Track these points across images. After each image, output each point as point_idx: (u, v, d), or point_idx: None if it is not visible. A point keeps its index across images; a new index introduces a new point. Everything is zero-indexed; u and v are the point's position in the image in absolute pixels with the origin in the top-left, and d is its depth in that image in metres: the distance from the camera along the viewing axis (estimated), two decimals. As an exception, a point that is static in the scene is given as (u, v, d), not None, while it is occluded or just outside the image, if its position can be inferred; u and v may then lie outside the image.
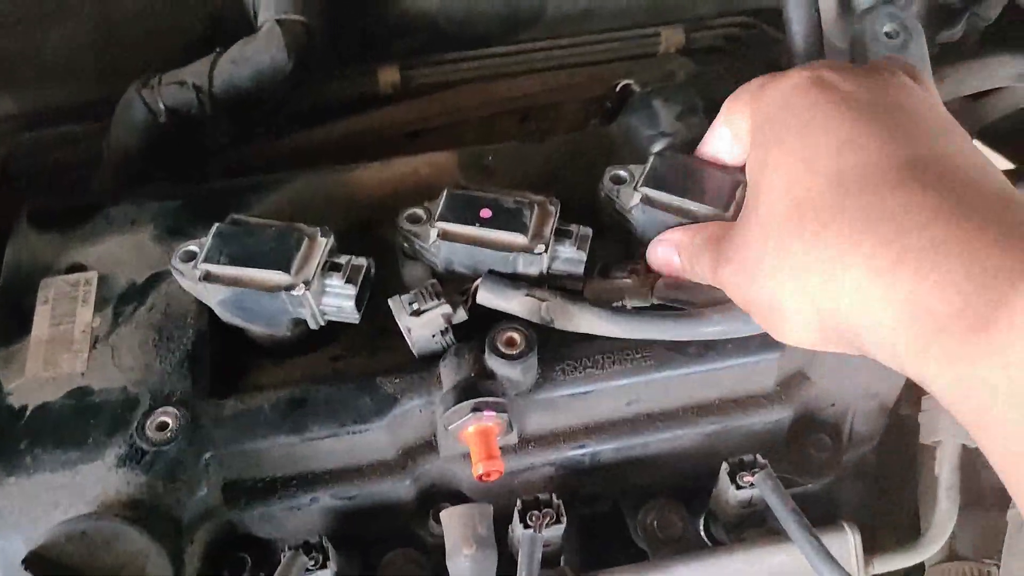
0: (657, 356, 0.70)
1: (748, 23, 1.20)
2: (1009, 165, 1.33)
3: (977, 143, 1.24)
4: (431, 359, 0.70)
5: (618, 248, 0.74)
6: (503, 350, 0.66)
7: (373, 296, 0.71)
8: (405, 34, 1.13)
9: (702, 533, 0.76)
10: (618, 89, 1.01)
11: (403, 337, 0.69)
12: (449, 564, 0.61)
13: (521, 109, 1.20)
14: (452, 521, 0.62)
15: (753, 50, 1.21)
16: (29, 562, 0.58)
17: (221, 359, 0.72)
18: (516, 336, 0.67)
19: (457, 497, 0.73)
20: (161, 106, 0.95)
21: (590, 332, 0.68)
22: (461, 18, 1.13)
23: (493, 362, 0.66)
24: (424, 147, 1.16)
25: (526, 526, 0.67)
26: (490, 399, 0.65)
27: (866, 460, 0.81)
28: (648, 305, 0.71)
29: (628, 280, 0.71)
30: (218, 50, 0.97)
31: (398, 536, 0.74)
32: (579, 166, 0.83)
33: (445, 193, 0.72)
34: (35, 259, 0.76)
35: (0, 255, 0.80)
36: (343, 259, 0.69)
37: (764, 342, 0.71)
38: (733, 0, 1.20)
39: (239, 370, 0.73)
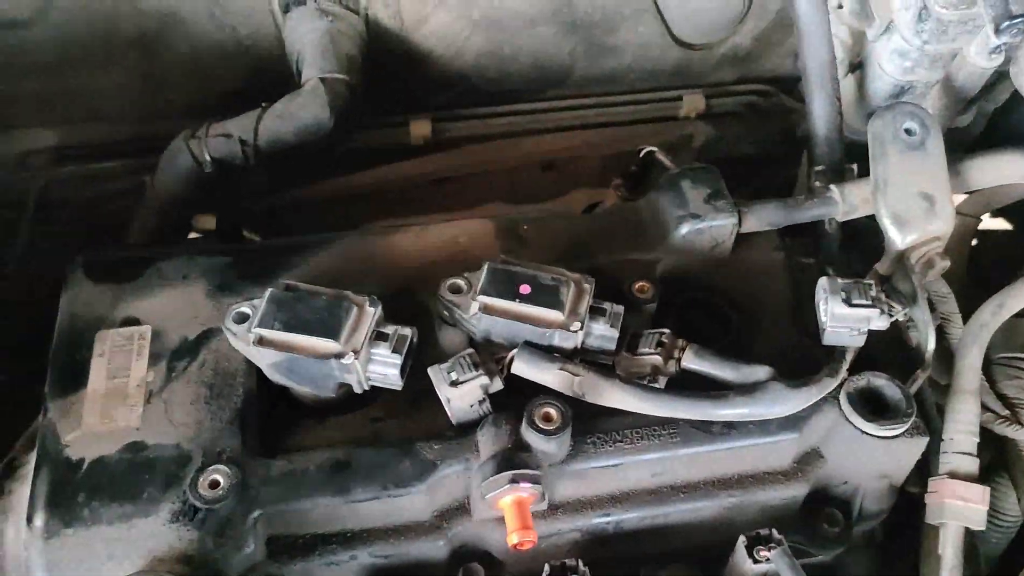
0: (683, 433, 0.74)
1: (766, 91, 1.25)
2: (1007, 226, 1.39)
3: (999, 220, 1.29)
4: (468, 426, 0.74)
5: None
6: (540, 425, 0.70)
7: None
8: (440, 90, 1.17)
9: (716, 600, 0.79)
10: (642, 155, 1.05)
11: (439, 399, 0.73)
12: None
13: (543, 163, 1.25)
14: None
15: (770, 117, 1.26)
16: (91, 617, 0.61)
17: (266, 415, 0.76)
18: (553, 412, 0.71)
19: (486, 557, 0.77)
20: (207, 156, 0.99)
21: (621, 407, 0.73)
22: (493, 76, 1.18)
23: (530, 436, 0.70)
24: (450, 193, 1.22)
25: (554, 591, 0.70)
26: (526, 471, 0.69)
27: (874, 535, 0.86)
28: (675, 376, 0.75)
29: (656, 355, 0.75)
30: (264, 105, 1.01)
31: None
32: (609, 241, 0.87)
33: (486, 267, 0.75)
34: (91, 310, 0.80)
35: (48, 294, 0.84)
36: (390, 329, 0.73)
37: (784, 424, 0.76)
38: (752, 68, 1.25)
39: (283, 427, 0.76)
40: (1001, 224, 1.40)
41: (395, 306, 0.76)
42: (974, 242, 1.34)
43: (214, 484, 0.69)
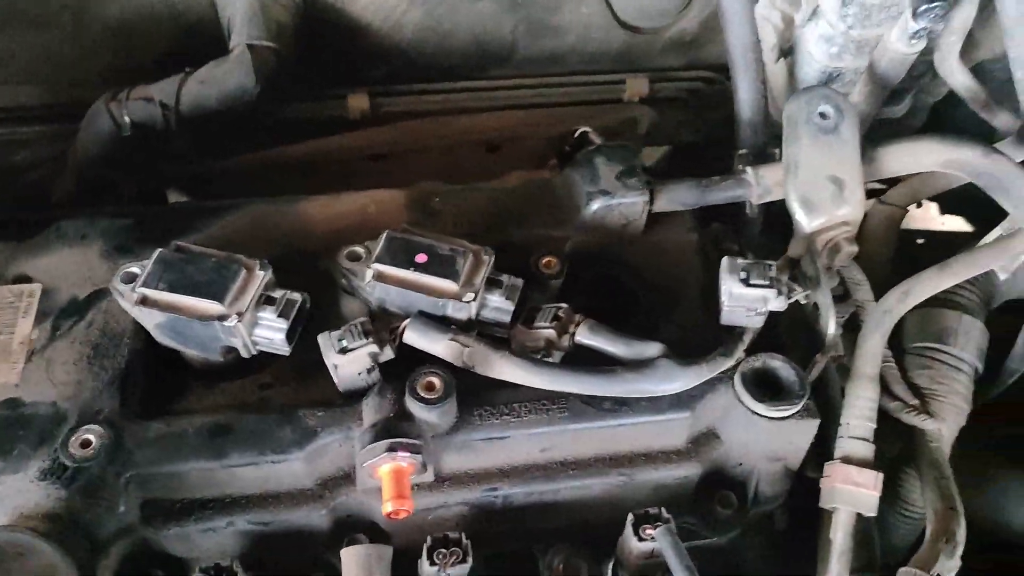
0: (572, 408, 0.73)
1: (711, 78, 1.24)
2: (968, 228, 1.38)
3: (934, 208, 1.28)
4: (356, 395, 0.73)
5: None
6: (422, 394, 0.69)
7: (308, 328, 0.74)
8: (377, 62, 1.16)
9: (607, 578, 0.79)
10: (576, 135, 1.04)
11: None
12: (345, 598, 0.64)
13: (484, 142, 1.23)
14: (350, 560, 0.64)
15: (715, 103, 1.24)
16: (-59, 570, 0.60)
17: (155, 378, 0.75)
18: (436, 381, 0.70)
19: (372, 528, 0.76)
20: (127, 119, 0.98)
21: (509, 380, 0.72)
22: (432, 51, 1.16)
23: (412, 405, 0.69)
24: (386, 170, 1.21)
25: (432, 563, 0.69)
26: (405, 440, 0.68)
27: (772, 519, 0.85)
28: (569, 351, 0.74)
29: (551, 329, 0.74)
30: (187, 70, 0.99)
31: (311, 563, 0.76)
32: (521, 214, 0.86)
33: (384, 235, 0.74)
34: (-17, 267, 0.79)
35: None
36: (279, 293, 0.72)
37: (676, 402, 0.75)
38: (697, 54, 1.24)
39: (171, 391, 0.75)
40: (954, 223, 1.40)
41: (299, 274, 0.75)
42: (920, 241, 1.34)
43: (85, 443, 0.68)
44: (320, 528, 0.74)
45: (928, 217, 1.40)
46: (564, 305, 0.75)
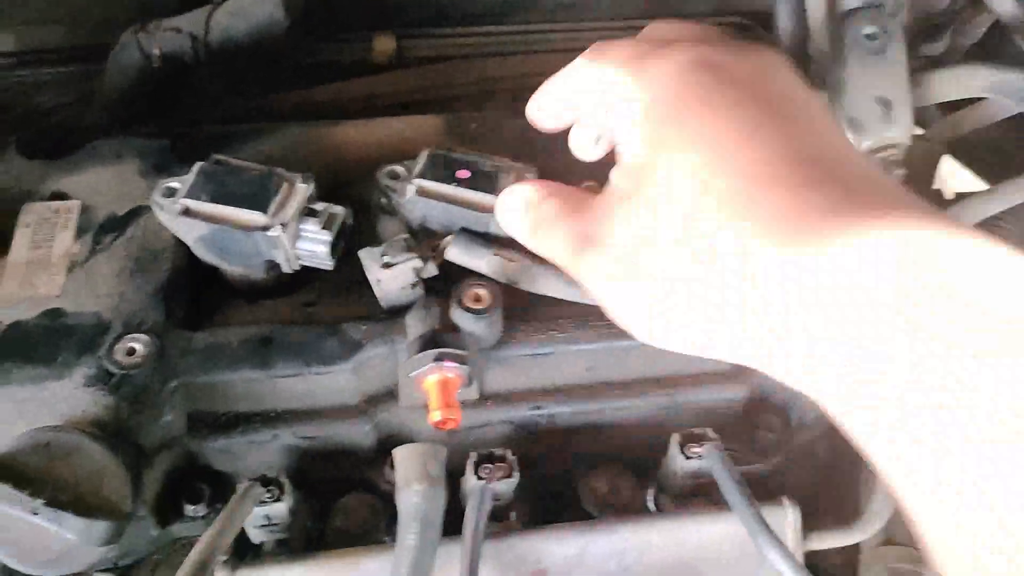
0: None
1: (743, 24, 1.23)
2: (983, 184, 1.37)
3: (951, 160, 1.28)
4: (399, 311, 0.72)
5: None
6: (469, 305, 0.68)
7: (349, 250, 0.73)
8: (405, 7, 1.15)
9: (650, 503, 0.78)
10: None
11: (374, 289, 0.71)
12: (398, 498, 0.63)
13: (512, 89, 1.22)
14: (405, 457, 0.63)
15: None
16: (-9, 465, 0.59)
17: (196, 297, 0.74)
18: (483, 292, 0.69)
19: (414, 448, 0.75)
20: (156, 51, 0.96)
21: (552, 295, 0.71)
22: (460, -4, 1.15)
23: (458, 316, 0.68)
24: (404, 111, 1.19)
25: (478, 478, 0.69)
26: (452, 351, 0.67)
27: (816, 446, 0.84)
28: None
29: None
30: (215, 1, 0.98)
31: (353, 481, 0.75)
32: (556, 141, 0.85)
33: (426, 153, 0.74)
34: (19, 184, 0.78)
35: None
36: (321, 206, 0.71)
37: (723, 320, 0.74)
38: (729, 0, 1.23)
39: (213, 307, 0.74)
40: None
41: (339, 197, 0.74)
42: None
43: (131, 352, 0.68)
44: (363, 445, 0.74)
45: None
46: None
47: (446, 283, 0.72)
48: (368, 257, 0.70)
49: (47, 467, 0.61)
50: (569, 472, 0.79)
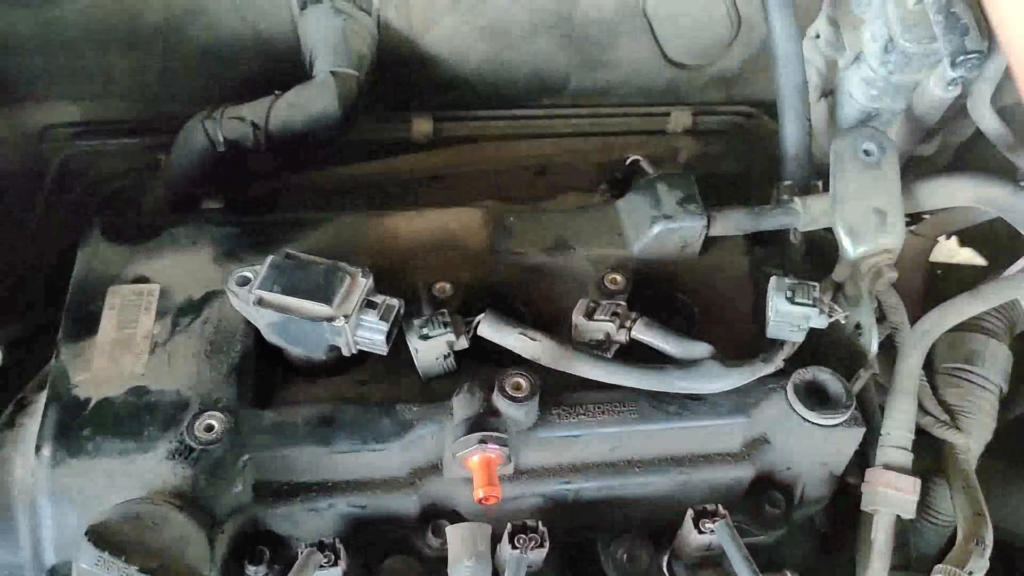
0: (641, 410, 0.81)
1: (750, 113, 1.33)
2: (982, 262, 1.46)
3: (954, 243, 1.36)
4: (441, 389, 0.80)
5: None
6: (510, 393, 0.77)
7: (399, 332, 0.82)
8: (443, 91, 1.25)
9: (664, 569, 0.86)
10: (628, 162, 1.13)
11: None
12: (451, 572, 0.71)
13: (534, 166, 1.32)
14: (457, 535, 0.71)
15: (753, 137, 1.33)
16: (91, 533, 0.67)
17: (262, 374, 0.82)
18: (522, 381, 0.77)
19: (454, 515, 0.83)
20: (221, 137, 1.06)
21: (570, 371, 0.79)
22: (493, 81, 1.25)
23: (500, 402, 0.77)
24: (443, 189, 1.29)
25: (513, 547, 0.77)
26: (494, 434, 0.76)
27: (814, 521, 0.92)
28: (624, 345, 0.83)
29: (610, 323, 0.82)
30: (276, 93, 1.08)
31: (397, 544, 0.83)
32: (588, 235, 0.94)
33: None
34: (105, 268, 0.86)
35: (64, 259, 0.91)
36: (379, 299, 0.80)
37: (735, 408, 0.82)
38: (738, 90, 1.33)
39: (276, 385, 0.83)
40: (969, 256, 1.48)
41: (385, 283, 0.83)
42: (939, 272, 1.42)
43: (209, 428, 0.76)
44: (408, 513, 0.82)
45: (946, 251, 1.48)
46: (623, 303, 0.84)
47: (479, 361, 0.81)
48: (408, 330, 0.79)
49: (138, 536, 0.69)
50: (592, 541, 0.87)
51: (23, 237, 1.17)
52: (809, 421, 0.81)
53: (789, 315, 0.82)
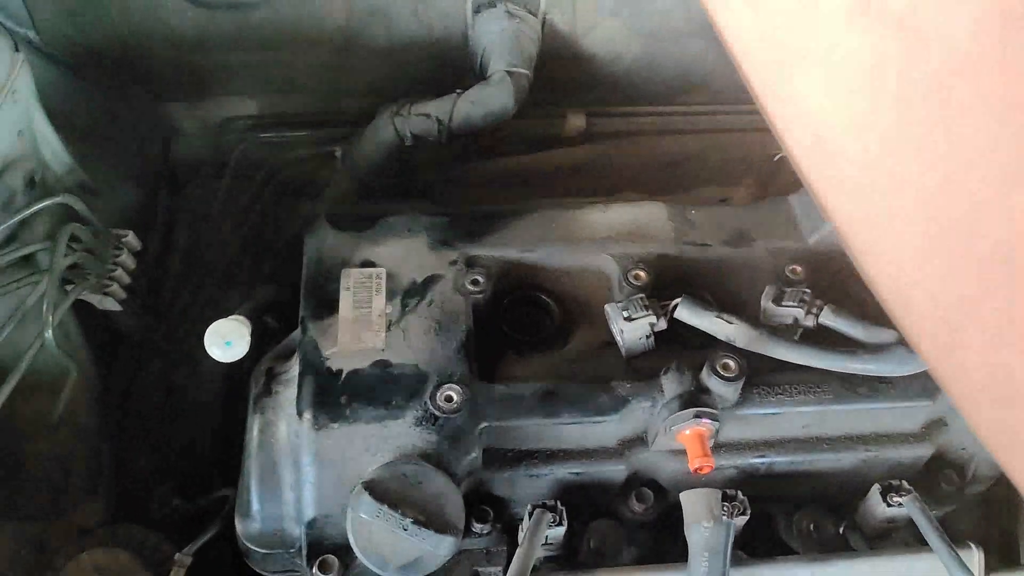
0: (835, 391, 0.88)
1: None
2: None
3: None
4: (642, 367, 0.88)
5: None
6: (721, 372, 0.84)
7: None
8: (593, 87, 1.32)
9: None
10: (776, 159, 1.19)
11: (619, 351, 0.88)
12: (689, 533, 0.78)
13: (673, 160, 1.39)
14: (693, 499, 0.79)
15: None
16: (370, 488, 0.76)
17: (480, 351, 0.91)
18: (731, 363, 0.85)
19: (652, 484, 0.91)
20: (408, 132, 1.14)
21: (761, 352, 0.86)
22: (643, 79, 1.32)
23: (711, 381, 0.84)
24: (588, 180, 1.36)
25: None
26: (707, 409, 0.83)
27: (984, 497, 0.99)
28: (812, 330, 0.89)
29: (799, 308, 0.89)
30: (458, 91, 1.16)
31: (600, 509, 0.91)
32: (766, 228, 1.01)
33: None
34: (335, 253, 0.95)
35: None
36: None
37: (920, 391, 0.89)
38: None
39: (492, 360, 0.91)
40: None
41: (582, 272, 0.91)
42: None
43: (449, 399, 0.84)
44: (615, 480, 0.90)
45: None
46: (808, 289, 0.90)
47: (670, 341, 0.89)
48: (613, 311, 0.87)
49: (406, 492, 0.77)
50: (764, 514, 0.93)
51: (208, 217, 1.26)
52: (990, 404, 0.88)
53: None
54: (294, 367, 0.88)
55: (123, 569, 0.90)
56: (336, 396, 0.84)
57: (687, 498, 0.78)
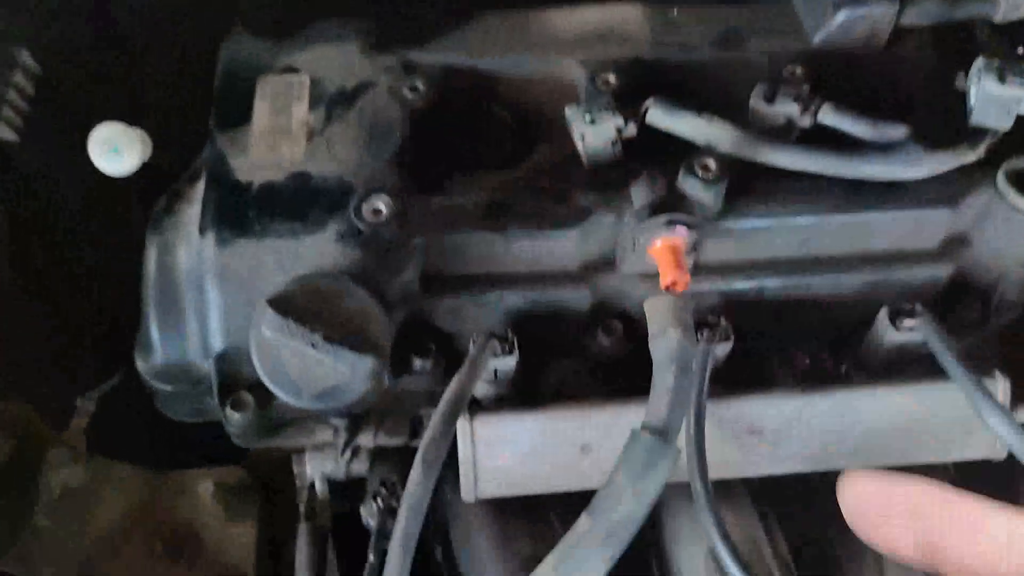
0: (837, 199, 0.75)
1: None
2: None
3: None
4: (612, 182, 0.75)
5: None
6: (699, 173, 0.71)
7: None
8: None
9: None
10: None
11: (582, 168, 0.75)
12: (653, 346, 0.65)
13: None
14: (658, 306, 0.66)
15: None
16: (274, 302, 0.64)
17: (421, 165, 0.78)
18: (711, 163, 0.71)
19: (623, 316, 0.78)
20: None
21: (752, 159, 0.73)
22: None
23: (687, 183, 0.71)
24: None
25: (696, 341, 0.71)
26: (682, 216, 0.70)
27: (1011, 328, 0.85)
28: (808, 130, 0.75)
29: (795, 105, 0.75)
30: None
31: (564, 346, 0.79)
32: (762, 28, 0.86)
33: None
34: (252, 59, 0.82)
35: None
36: None
37: (939, 198, 0.75)
38: None
39: (437, 177, 0.78)
40: None
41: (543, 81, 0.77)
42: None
43: (376, 211, 0.71)
44: (578, 310, 0.77)
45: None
46: (805, 85, 0.76)
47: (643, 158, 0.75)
48: (573, 114, 0.74)
49: (319, 308, 0.65)
50: (765, 346, 0.81)
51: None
52: (1020, 210, 0.74)
53: (998, 97, 0.74)
54: (202, 186, 0.76)
55: (17, 419, 0.79)
56: (245, 210, 0.72)
57: (651, 305, 0.66)
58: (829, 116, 0.75)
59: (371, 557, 0.70)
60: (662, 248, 0.70)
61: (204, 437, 0.82)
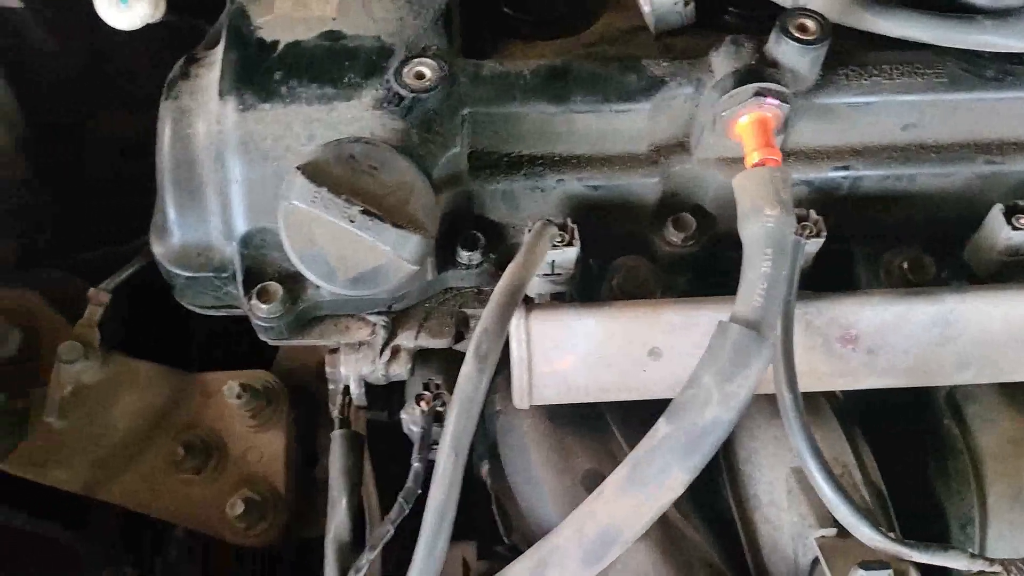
0: (950, 74, 0.64)
1: None
2: None
3: None
4: (684, 51, 0.65)
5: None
6: (796, 34, 0.60)
7: None
8: None
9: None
10: None
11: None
12: (742, 227, 0.56)
13: None
14: (751, 181, 0.57)
15: None
16: (305, 168, 0.55)
17: (472, 30, 0.68)
18: (810, 23, 0.61)
19: (697, 211, 0.69)
20: None
21: (859, 27, 0.63)
22: None
23: (781, 48, 0.61)
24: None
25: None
26: (773, 86, 0.60)
27: None
28: None
29: None
30: None
31: (628, 242, 0.70)
32: None
33: None
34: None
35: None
36: None
37: (1072, 75, 0.65)
38: None
39: (489, 45, 0.69)
40: None
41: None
42: None
43: (420, 75, 0.63)
44: (646, 201, 0.68)
45: None
46: None
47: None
48: None
49: (356, 178, 0.57)
50: (858, 246, 0.72)
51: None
52: None
53: None
54: (221, 49, 0.67)
55: (30, 311, 0.72)
56: (270, 72, 0.63)
57: (742, 180, 0.56)
58: None
59: (415, 465, 0.63)
60: (749, 124, 0.61)
61: (227, 336, 0.75)
